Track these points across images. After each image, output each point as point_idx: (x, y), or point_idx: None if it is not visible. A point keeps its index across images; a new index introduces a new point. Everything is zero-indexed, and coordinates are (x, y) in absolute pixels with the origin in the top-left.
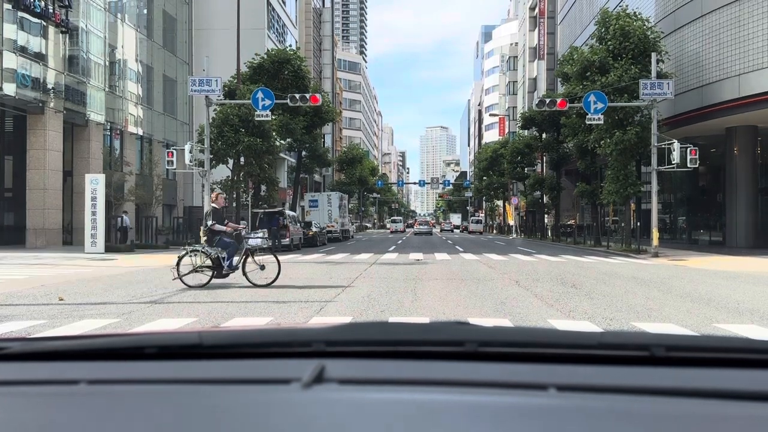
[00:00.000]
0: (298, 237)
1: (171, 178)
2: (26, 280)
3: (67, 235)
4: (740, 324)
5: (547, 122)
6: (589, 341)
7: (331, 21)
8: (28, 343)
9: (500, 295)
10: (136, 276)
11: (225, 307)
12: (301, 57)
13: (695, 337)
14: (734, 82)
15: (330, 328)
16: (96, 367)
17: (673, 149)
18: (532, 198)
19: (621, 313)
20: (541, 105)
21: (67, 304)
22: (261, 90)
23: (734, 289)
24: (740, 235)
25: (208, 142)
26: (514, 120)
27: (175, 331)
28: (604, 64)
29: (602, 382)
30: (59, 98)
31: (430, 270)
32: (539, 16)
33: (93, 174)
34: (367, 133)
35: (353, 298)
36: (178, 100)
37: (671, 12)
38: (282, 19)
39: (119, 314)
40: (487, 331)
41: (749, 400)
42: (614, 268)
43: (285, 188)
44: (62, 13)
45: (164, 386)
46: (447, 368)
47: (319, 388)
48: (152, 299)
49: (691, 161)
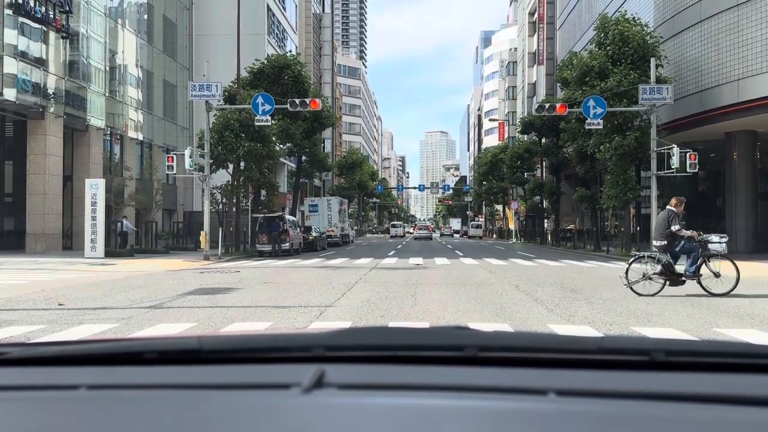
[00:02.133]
0: (297, 242)
1: (171, 183)
2: (25, 285)
3: (67, 239)
4: (741, 329)
5: (547, 127)
6: (589, 346)
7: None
8: (27, 348)
9: (500, 300)
10: (136, 281)
11: (225, 312)
12: (301, 62)
13: (695, 342)
14: (733, 87)
15: (329, 332)
16: (96, 372)
17: (673, 154)
18: (532, 203)
19: (621, 318)
20: (540, 110)
21: (67, 309)
22: (261, 95)
23: (734, 294)
24: (740, 240)
25: (208, 147)
26: (513, 125)
27: (174, 336)
28: (603, 69)
29: (602, 387)
30: (59, 103)
31: (430, 275)
32: (538, 22)
33: (93, 179)
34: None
35: (353, 303)
36: (179, 105)
37: (670, 17)
38: (282, 25)
39: (119, 319)
40: (486, 336)
41: (749, 405)
42: (614, 273)
43: (285, 193)
44: (63, 18)
45: (164, 391)
46: (447, 373)
47: (319, 393)
48: (152, 304)
49: (690, 166)
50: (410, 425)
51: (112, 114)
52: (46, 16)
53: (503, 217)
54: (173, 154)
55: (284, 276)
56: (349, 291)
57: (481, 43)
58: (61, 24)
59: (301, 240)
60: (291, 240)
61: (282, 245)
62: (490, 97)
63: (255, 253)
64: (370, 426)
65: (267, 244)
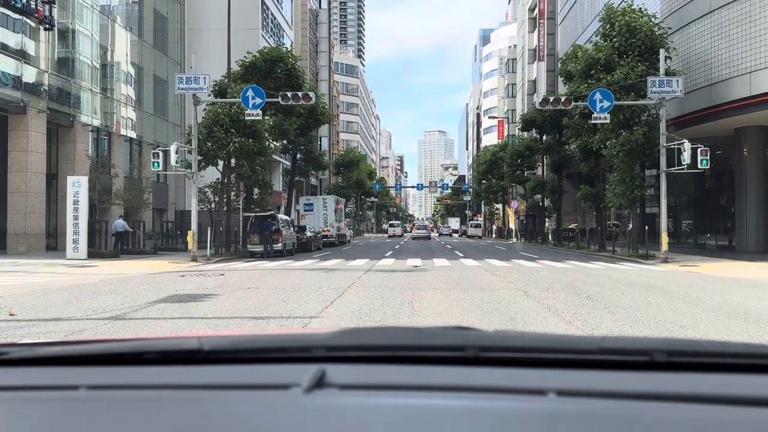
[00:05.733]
0: (291, 242)
1: (162, 182)
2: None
3: (52, 239)
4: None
5: (548, 124)
6: (590, 346)
7: (327, 22)
8: (28, 348)
9: (509, 309)
10: (108, 285)
11: (193, 324)
12: (294, 55)
13: (697, 342)
14: (745, 80)
15: (330, 333)
16: (96, 372)
17: (684, 149)
18: (533, 201)
19: (651, 331)
20: (544, 104)
21: (15, 320)
22: (251, 88)
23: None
24: (750, 239)
25: (195, 143)
26: (513, 123)
27: (174, 336)
28: (609, 62)
29: (603, 388)
30: (42, 98)
31: (428, 278)
32: (539, 17)
33: (75, 176)
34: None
35: (342, 313)
36: (169, 101)
37: (678, 8)
38: (277, 20)
39: (69, 333)
40: (487, 336)
41: (751, 405)
42: (626, 276)
43: (280, 192)
44: (45, 9)
45: (164, 391)
46: (447, 373)
47: (320, 393)
48: (114, 314)
49: (701, 162)
50: (411, 425)
51: (99, 110)
52: (27, 6)
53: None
54: (159, 150)
55: (272, 279)
56: (340, 298)
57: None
58: (44, 15)
59: (294, 240)
60: (284, 240)
61: (274, 246)
62: (489, 95)
63: (246, 254)
64: (371, 426)
65: (258, 245)
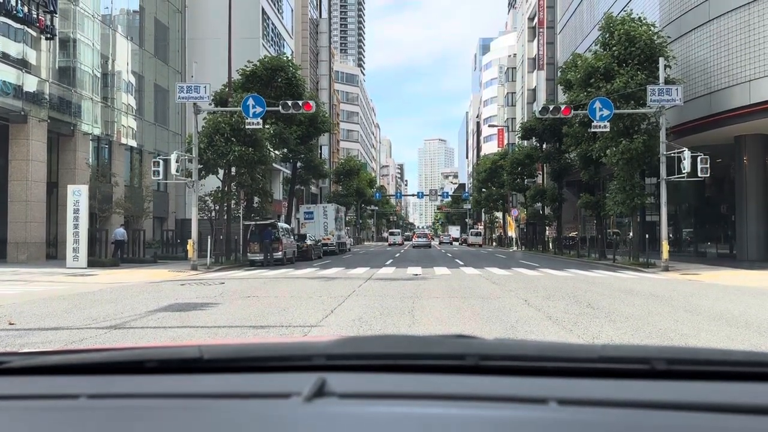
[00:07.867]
0: (291, 250)
1: (162, 190)
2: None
3: (53, 248)
4: None
5: (548, 132)
6: (590, 355)
7: (328, 31)
8: (29, 357)
9: (509, 317)
10: (107, 294)
11: (193, 333)
12: (295, 64)
13: (696, 350)
14: (744, 89)
15: (331, 341)
16: (96, 381)
17: (684, 157)
18: (533, 210)
19: (653, 340)
20: (544, 112)
21: (15, 329)
22: (252, 96)
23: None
24: (751, 248)
25: (196, 151)
26: (513, 131)
27: (175, 345)
28: (609, 71)
29: (603, 396)
30: (43, 107)
31: (429, 286)
32: (538, 26)
33: (75, 185)
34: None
35: (342, 322)
36: (170, 110)
37: (677, 17)
38: (278, 29)
39: (68, 342)
40: (488, 345)
41: (751, 413)
42: (628, 284)
43: (280, 200)
44: (47, 18)
45: (164, 400)
46: (448, 382)
47: (320, 402)
48: (114, 323)
49: (702, 170)
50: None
51: (100, 119)
52: (28, 15)
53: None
54: (159, 159)
55: (272, 288)
56: (340, 307)
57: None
58: (45, 24)
59: (295, 249)
60: (284, 248)
61: (274, 254)
62: (488, 103)
63: (246, 263)
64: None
65: (258, 253)
